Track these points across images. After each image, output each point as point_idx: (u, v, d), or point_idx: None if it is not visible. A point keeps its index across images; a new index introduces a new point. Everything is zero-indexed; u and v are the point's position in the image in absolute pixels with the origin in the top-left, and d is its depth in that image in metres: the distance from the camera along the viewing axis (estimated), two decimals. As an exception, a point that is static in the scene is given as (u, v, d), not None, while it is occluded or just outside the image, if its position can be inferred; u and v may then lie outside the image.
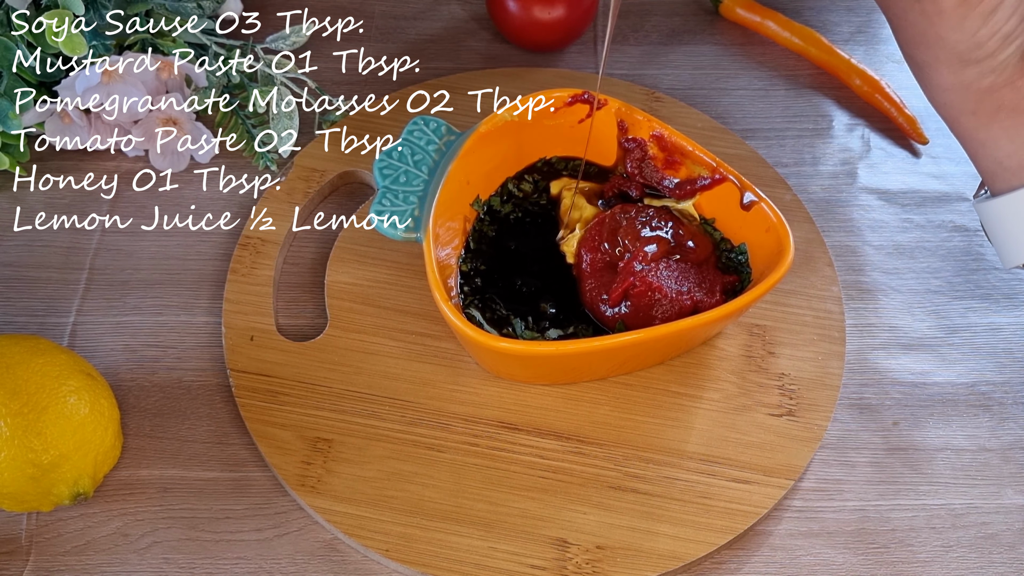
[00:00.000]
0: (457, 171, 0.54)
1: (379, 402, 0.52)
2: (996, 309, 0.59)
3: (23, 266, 0.58)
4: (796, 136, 0.66)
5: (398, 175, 0.54)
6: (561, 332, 0.52)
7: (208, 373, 0.54)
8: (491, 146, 0.56)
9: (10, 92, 0.57)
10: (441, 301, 0.48)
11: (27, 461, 0.44)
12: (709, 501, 0.50)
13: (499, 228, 0.56)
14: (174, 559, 0.48)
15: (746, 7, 0.72)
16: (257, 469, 0.51)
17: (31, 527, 0.49)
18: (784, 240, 0.51)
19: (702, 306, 0.51)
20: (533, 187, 0.57)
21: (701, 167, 0.55)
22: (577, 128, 0.57)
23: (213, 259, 0.59)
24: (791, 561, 0.49)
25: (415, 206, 0.53)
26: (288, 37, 0.66)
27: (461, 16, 0.73)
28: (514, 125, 0.56)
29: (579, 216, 0.55)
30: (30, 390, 0.45)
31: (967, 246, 0.61)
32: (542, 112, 0.56)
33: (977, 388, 0.55)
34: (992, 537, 0.50)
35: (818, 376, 0.54)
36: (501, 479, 0.50)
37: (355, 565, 0.48)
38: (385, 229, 0.52)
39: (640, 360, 0.53)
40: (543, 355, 0.49)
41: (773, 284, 0.49)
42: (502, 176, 0.57)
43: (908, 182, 0.64)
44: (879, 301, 0.59)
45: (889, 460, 0.53)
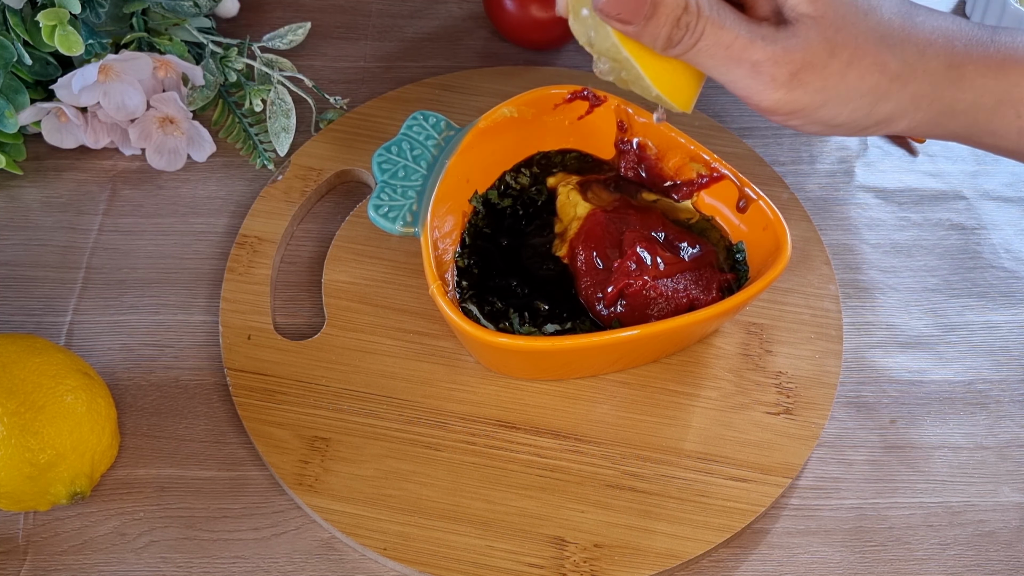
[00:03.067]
0: (456, 167, 0.54)
1: (377, 401, 0.52)
2: (993, 307, 0.59)
3: (20, 265, 0.58)
4: (793, 134, 0.66)
5: (396, 170, 0.54)
6: (558, 327, 0.52)
7: (205, 372, 0.54)
8: (490, 142, 0.56)
9: (7, 91, 0.57)
10: (438, 296, 0.48)
11: (24, 460, 0.44)
12: (706, 499, 0.50)
13: (496, 223, 0.56)
14: (171, 558, 0.48)
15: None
16: (254, 468, 0.51)
17: (28, 527, 0.49)
18: (782, 238, 0.51)
19: (698, 304, 0.51)
20: (531, 181, 0.57)
21: (699, 164, 0.55)
22: (577, 124, 0.57)
23: (210, 258, 0.59)
24: (788, 559, 0.49)
25: (413, 201, 0.53)
26: (285, 36, 0.66)
27: (458, 14, 0.73)
28: (513, 121, 0.56)
29: (574, 213, 0.55)
30: (27, 389, 0.45)
31: (964, 244, 0.61)
32: (542, 109, 0.57)
33: (974, 386, 0.55)
34: (989, 535, 0.50)
35: (815, 374, 0.54)
36: (499, 478, 0.50)
37: (353, 564, 0.48)
38: (383, 223, 0.52)
39: (636, 357, 0.53)
40: (540, 350, 0.49)
41: (770, 282, 0.49)
42: (500, 172, 0.57)
43: (905, 180, 0.64)
44: (876, 299, 0.59)
45: (886, 458, 0.53)
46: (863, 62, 0.41)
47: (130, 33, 0.61)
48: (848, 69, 0.41)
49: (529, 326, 0.52)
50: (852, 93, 0.41)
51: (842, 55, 0.41)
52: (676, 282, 0.51)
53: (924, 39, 0.42)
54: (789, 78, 0.40)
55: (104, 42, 0.60)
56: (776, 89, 0.41)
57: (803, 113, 0.42)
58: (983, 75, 0.43)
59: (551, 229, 0.56)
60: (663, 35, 0.40)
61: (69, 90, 0.57)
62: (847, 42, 0.41)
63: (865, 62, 0.41)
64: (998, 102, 0.43)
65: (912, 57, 0.42)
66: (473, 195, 0.56)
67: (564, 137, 0.58)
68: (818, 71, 0.40)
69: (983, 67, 0.43)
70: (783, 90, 0.41)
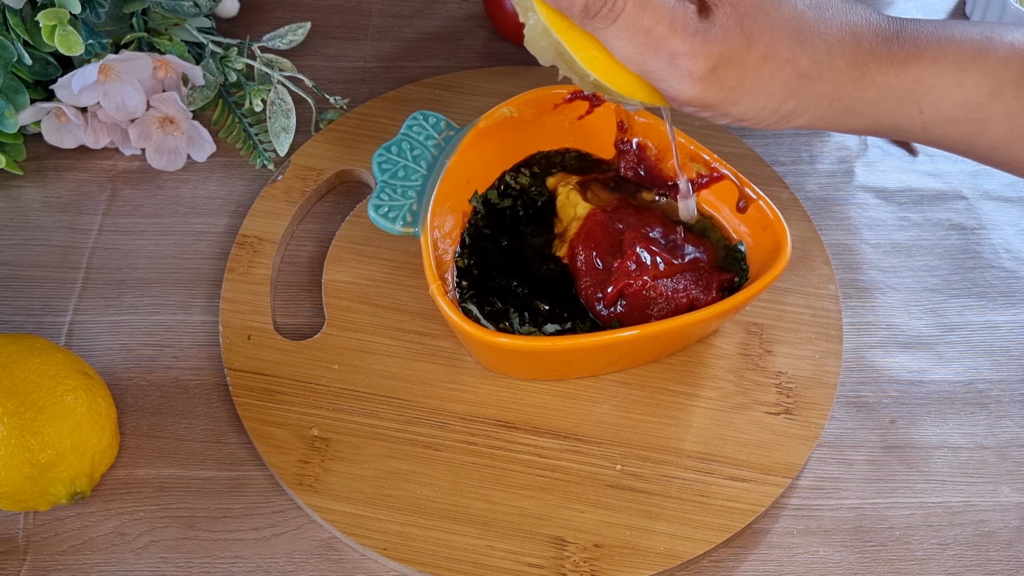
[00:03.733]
0: (456, 167, 0.54)
1: (377, 401, 0.52)
2: (993, 307, 0.59)
3: (20, 265, 0.58)
4: (793, 134, 0.66)
5: (396, 170, 0.54)
6: (558, 327, 0.52)
7: (205, 372, 0.54)
8: (490, 142, 0.56)
9: (7, 91, 0.57)
10: (438, 296, 0.48)
11: (24, 460, 0.44)
12: (706, 499, 0.50)
13: (496, 223, 0.56)
14: (171, 558, 0.48)
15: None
16: (254, 468, 0.51)
17: (28, 527, 0.49)
18: (782, 238, 0.51)
19: (698, 304, 0.51)
20: (531, 181, 0.57)
21: (699, 164, 0.55)
22: (577, 124, 0.57)
23: (210, 258, 0.59)
24: (788, 559, 0.49)
25: (413, 201, 0.53)
26: (285, 36, 0.66)
27: (458, 14, 0.73)
28: (513, 121, 0.56)
29: (574, 213, 0.55)
30: (27, 389, 0.45)
31: (964, 244, 0.61)
32: (542, 108, 0.57)
33: (974, 386, 0.55)
34: (989, 535, 0.50)
35: (815, 374, 0.54)
36: (499, 478, 0.50)
37: (353, 564, 0.48)
38: (383, 223, 0.52)
39: (637, 357, 0.53)
40: (540, 350, 0.49)
41: (770, 282, 0.49)
42: (500, 172, 0.57)
43: (905, 180, 0.64)
44: (876, 299, 0.59)
45: (886, 458, 0.53)
46: (776, 57, 0.40)
47: (130, 33, 0.61)
48: (763, 64, 0.40)
49: (529, 326, 0.52)
50: (764, 90, 0.41)
51: (758, 47, 0.40)
52: (676, 282, 0.51)
53: (833, 36, 0.41)
54: (706, 74, 0.40)
55: (104, 42, 0.60)
56: (693, 85, 0.40)
57: (715, 108, 0.41)
58: (884, 73, 0.42)
59: (551, 229, 0.56)
60: (580, 1, 0.38)
61: (69, 90, 0.57)
62: (763, 32, 0.40)
63: (779, 57, 0.40)
64: (899, 99, 0.43)
65: (821, 55, 0.41)
66: (473, 195, 0.56)
67: (564, 137, 0.58)
68: (735, 67, 0.40)
69: (885, 64, 0.42)
70: (699, 86, 0.40)
